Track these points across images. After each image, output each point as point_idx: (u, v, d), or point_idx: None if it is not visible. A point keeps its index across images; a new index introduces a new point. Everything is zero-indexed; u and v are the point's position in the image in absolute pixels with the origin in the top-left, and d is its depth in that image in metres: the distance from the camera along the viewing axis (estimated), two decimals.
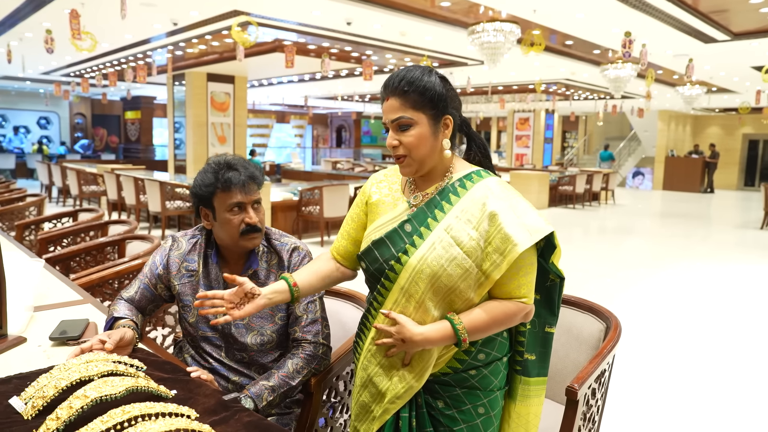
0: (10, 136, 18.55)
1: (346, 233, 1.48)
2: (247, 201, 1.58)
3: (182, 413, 1.12)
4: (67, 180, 10.74)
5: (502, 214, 1.26)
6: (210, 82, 11.82)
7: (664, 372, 3.59)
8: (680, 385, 3.40)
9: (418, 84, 1.27)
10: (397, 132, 1.30)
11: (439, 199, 1.33)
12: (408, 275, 1.28)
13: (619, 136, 23.02)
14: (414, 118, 1.28)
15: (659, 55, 9.07)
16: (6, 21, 8.00)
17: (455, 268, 1.26)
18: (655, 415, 3.01)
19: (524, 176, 12.34)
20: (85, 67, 12.56)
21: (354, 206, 1.49)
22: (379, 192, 1.44)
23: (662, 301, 5.23)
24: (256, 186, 1.62)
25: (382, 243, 1.34)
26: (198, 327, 1.64)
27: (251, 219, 1.58)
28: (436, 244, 1.28)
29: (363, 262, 1.37)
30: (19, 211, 4.79)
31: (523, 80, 13.36)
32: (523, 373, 1.39)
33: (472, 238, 1.26)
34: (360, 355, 1.41)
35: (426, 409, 1.35)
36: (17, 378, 1.30)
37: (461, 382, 1.33)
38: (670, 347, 4.03)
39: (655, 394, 3.27)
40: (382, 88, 1.32)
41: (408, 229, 1.32)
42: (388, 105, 1.30)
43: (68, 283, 2.18)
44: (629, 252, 7.81)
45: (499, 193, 1.30)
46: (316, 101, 20.67)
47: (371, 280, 1.38)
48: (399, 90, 1.28)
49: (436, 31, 7.88)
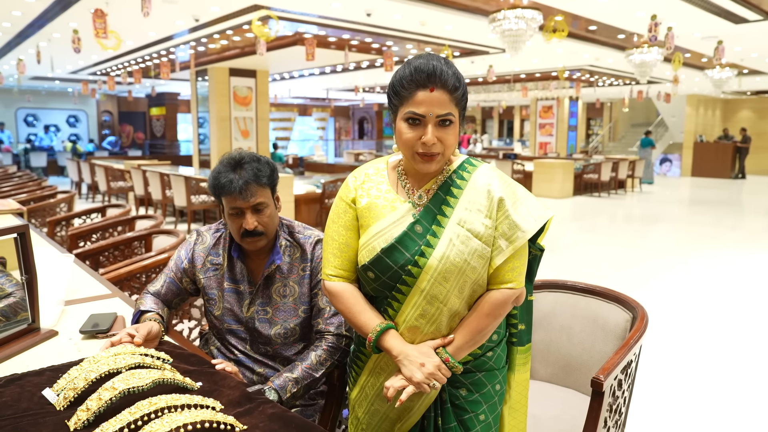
0: (41, 135, 19.01)
1: (344, 246, 1.34)
2: (245, 206, 1.55)
3: (207, 405, 1.14)
4: (95, 177, 10.97)
5: (507, 200, 1.27)
6: (232, 76, 11.90)
7: (693, 363, 3.52)
8: (708, 376, 3.34)
9: (463, 82, 1.24)
10: (437, 128, 1.21)
11: (442, 194, 1.30)
12: (429, 277, 1.24)
13: (646, 122, 22.52)
14: (455, 116, 1.23)
15: (687, 37, 8.82)
16: (35, 23, 8.18)
17: (477, 260, 1.25)
18: (682, 407, 2.96)
19: (548, 165, 12.17)
20: (111, 66, 12.78)
21: (340, 215, 1.35)
22: (366, 195, 1.33)
23: (691, 290, 5.12)
24: (258, 187, 1.56)
25: (394, 249, 1.26)
26: (223, 320, 1.66)
27: (248, 225, 1.55)
28: (454, 239, 1.25)
29: (371, 272, 1.28)
30: (50, 208, 4.92)
31: (546, 67, 13.15)
32: (518, 343, 1.42)
33: (487, 227, 1.26)
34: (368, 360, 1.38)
35: (450, 402, 1.35)
36: (50, 370, 1.34)
37: (481, 366, 1.35)
38: (698, 338, 3.95)
39: (682, 386, 3.22)
40: (423, 76, 1.19)
41: (419, 230, 1.27)
42: (435, 98, 1.19)
43: (97, 277, 2.23)
44: (656, 241, 7.67)
45: (498, 179, 1.30)
46: (337, 94, 20.69)
47: (380, 290, 1.30)
48: (450, 84, 1.20)
49: (456, 20, 7.80)
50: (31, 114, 18.95)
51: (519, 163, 12.82)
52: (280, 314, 1.64)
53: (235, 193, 1.52)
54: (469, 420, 1.35)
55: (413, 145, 1.23)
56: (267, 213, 1.58)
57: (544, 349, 2.11)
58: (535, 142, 19.29)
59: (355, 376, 1.42)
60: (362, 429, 1.41)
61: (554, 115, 18.77)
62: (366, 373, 1.39)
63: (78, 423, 1.09)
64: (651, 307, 4.58)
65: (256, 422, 1.12)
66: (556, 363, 2.08)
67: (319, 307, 1.64)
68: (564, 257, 6.55)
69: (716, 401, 3.02)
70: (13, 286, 1.67)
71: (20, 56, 10.76)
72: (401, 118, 1.24)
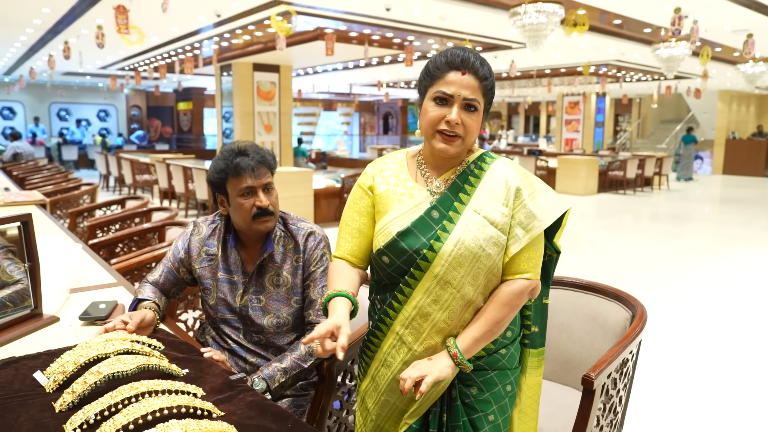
0: (73, 129, 19.52)
1: (356, 231, 1.38)
2: (257, 185, 1.60)
3: (188, 391, 1.17)
4: (122, 170, 11.23)
5: (525, 190, 1.30)
6: (256, 71, 12.01)
7: (715, 367, 3.44)
8: (730, 382, 3.25)
9: (492, 75, 1.29)
10: (462, 110, 1.26)
11: (460, 183, 1.32)
12: (443, 261, 1.25)
13: (676, 119, 21.99)
14: (481, 105, 1.27)
15: (716, 31, 8.57)
16: (64, 19, 8.39)
17: (493, 247, 1.26)
18: (694, 414, 2.90)
19: (572, 161, 12.00)
20: (138, 61, 13.03)
21: (356, 201, 1.40)
22: (384, 182, 1.37)
23: (719, 292, 4.99)
24: (267, 170, 1.63)
25: (409, 233, 1.28)
26: (217, 309, 1.70)
27: (261, 202, 1.59)
28: (470, 225, 1.26)
29: (386, 256, 1.30)
30: (74, 200, 5.07)
31: (571, 62, 12.94)
32: (531, 345, 1.42)
33: (503, 215, 1.28)
34: (377, 350, 1.37)
35: (460, 400, 1.34)
36: (46, 354, 1.39)
37: (493, 364, 1.35)
38: (725, 341, 3.84)
39: (700, 390, 3.15)
40: (458, 60, 1.25)
41: (435, 215, 1.29)
42: (466, 81, 1.25)
43: (105, 266, 2.29)
44: (685, 240, 7.50)
45: (515, 170, 1.33)
46: (361, 89, 20.72)
47: (394, 275, 1.31)
48: (481, 73, 1.25)
49: (476, 15, 7.73)
50: (64, 108, 19.46)
51: (543, 159, 12.67)
52: (272, 303, 1.66)
53: (248, 171, 1.59)
54: (478, 420, 1.35)
55: (437, 123, 1.27)
56: (274, 194, 1.65)
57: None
58: (560, 138, 19.03)
59: (365, 366, 1.42)
60: (371, 420, 1.41)
61: (581, 111, 18.48)
62: (376, 363, 1.38)
63: (63, 405, 1.13)
64: (677, 307, 4.49)
65: (234, 409, 1.14)
66: (556, 360, 2.07)
67: (311, 298, 1.66)
68: (588, 255, 6.46)
69: (731, 410, 2.95)
70: (22, 273, 1.72)
71: (51, 52, 11.05)
72: (429, 97, 1.28)
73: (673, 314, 4.33)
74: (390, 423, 1.39)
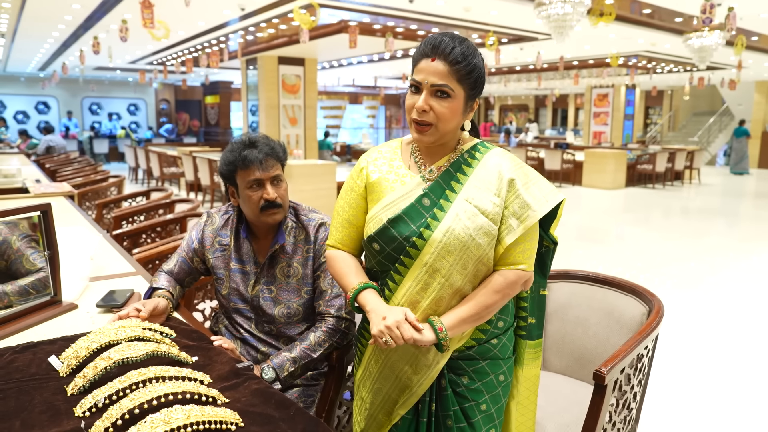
0: (105, 123, 19.98)
1: (346, 222, 1.39)
2: (265, 177, 1.61)
3: (196, 378, 1.18)
4: (150, 162, 11.45)
5: (518, 180, 1.29)
6: (281, 65, 12.08)
7: (739, 367, 3.35)
8: (749, 382, 3.17)
9: (470, 60, 1.24)
10: (432, 97, 1.24)
11: (452, 171, 1.32)
12: (433, 250, 1.25)
13: (710, 111, 21.36)
14: (455, 91, 1.24)
15: (752, 18, 8.28)
16: (93, 15, 8.57)
17: (483, 237, 1.25)
18: (711, 414, 2.83)
19: (599, 154, 11.78)
20: (166, 55, 13.24)
21: (348, 192, 1.40)
22: (378, 170, 1.37)
23: (752, 289, 4.84)
24: (276, 162, 1.64)
25: (399, 220, 1.29)
26: (230, 299, 1.72)
27: (269, 195, 1.61)
28: (461, 214, 1.26)
29: (376, 243, 1.31)
30: (102, 191, 5.19)
31: (599, 54, 12.67)
32: (527, 337, 1.42)
33: (495, 205, 1.27)
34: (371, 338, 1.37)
35: (450, 390, 1.35)
36: (62, 340, 1.43)
37: (484, 354, 1.35)
38: (754, 341, 3.74)
39: (719, 391, 3.07)
40: (429, 47, 1.24)
41: (426, 203, 1.29)
42: (433, 67, 1.23)
43: (126, 256, 2.34)
44: (716, 235, 7.30)
45: (509, 160, 1.32)
46: (387, 82, 20.67)
47: (384, 262, 1.32)
48: (452, 58, 1.22)
49: (501, 5, 7.62)
50: (95, 103, 19.91)
51: (570, 152, 12.47)
52: (283, 294, 1.68)
53: (256, 163, 1.60)
54: (470, 408, 1.35)
55: (410, 110, 1.27)
56: (283, 187, 1.66)
57: (559, 341, 2.07)
58: (588, 131, 18.68)
59: (360, 354, 1.44)
60: (366, 409, 1.42)
61: (609, 104, 18.10)
62: (369, 351, 1.40)
63: (75, 388, 1.16)
64: (706, 304, 4.38)
65: (238, 396, 1.16)
66: (571, 355, 2.04)
67: (321, 289, 1.67)
68: (615, 250, 6.35)
69: (752, 413, 2.87)
70: (44, 261, 1.78)
71: (82, 47, 11.30)
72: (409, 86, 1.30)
73: (701, 311, 4.23)
74: (383, 413, 1.40)
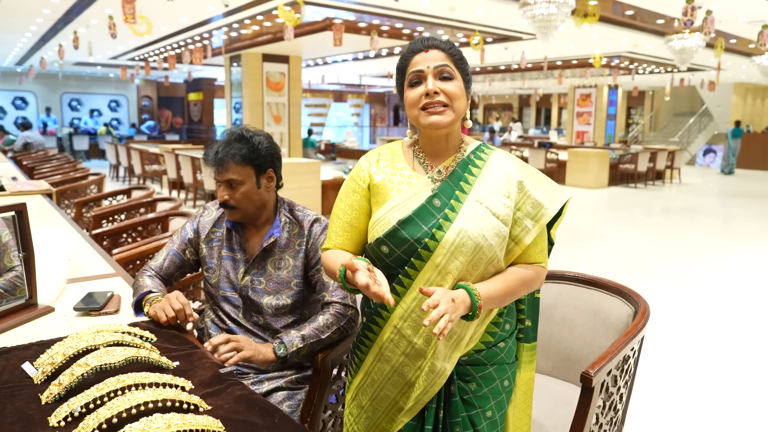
0: (86, 119, 19.64)
1: (347, 225, 1.36)
2: (219, 179, 1.66)
3: (177, 384, 1.15)
4: (131, 160, 11.27)
5: (527, 181, 1.30)
6: (265, 62, 11.97)
7: (723, 363, 3.39)
8: (733, 379, 3.21)
9: (457, 49, 1.30)
10: (438, 80, 1.25)
11: (460, 171, 1.31)
12: (445, 251, 1.23)
13: (689, 112, 21.68)
14: (456, 73, 1.27)
15: (730, 22, 8.41)
16: (73, 9, 8.41)
17: (494, 238, 1.25)
18: (696, 412, 2.86)
19: (582, 154, 11.88)
20: (148, 51, 13.05)
21: (350, 194, 1.37)
22: (381, 172, 1.34)
23: (731, 287, 4.91)
24: (235, 165, 1.63)
25: (410, 221, 1.25)
26: (219, 287, 1.73)
27: (218, 196, 1.67)
28: (472, 214, 1.25)
29: (385, 246, 1.26)
30: (81, 189, 5.08)
31: (582, 54, 12.77)
32: (525, 340, 1.41)
33: (506, 206, 1.27)
34: (373, 345, 1.34)
35: (459, 396, 1.32)
36: (37, 345, 1.38)
37: (492, 358, 1.33)
38: (735, 337, 3.79)
39: (707, 387, 3.10)
40: (418, 43, 1.29)
41: (437, 203, 1.27)
42: (431, 55, 1.26)
43: (105, 256, 2.29)
44: (696, 234, 7.40)
45: (514, 162, 1.34)
46: (372, 80, 20.62)
47: (392, 266, 1.27)
48: (443, 46, 1.27)
49: (486, 5, 7.64)
50: (75, 99, 19.55)
51: (553, 152, 12.56)
52: (273, 285, 1.69)
53: (211, 164, 1.66)
54: (476, 416, 1.32)
55: (418, 101, 1.26)
56: (241, 190, 1.65)
57: (545, 342, 2.06)
58: (572, 130, 18.84)
59: (358, 361, 1.39)
60: (367, 416, 1.37)
61: (592, 104, 18.26)
62: (371, 357, 1.35)
63: (49, 397, 1.12)
64: (687, 302, 4.43)
65: (222, 403, 1.13)
66: (557, 356, 2.04)
67: (323, 281, 1.68)
68: (598, 249, 6.40)
69: (737, 409, 2.90)
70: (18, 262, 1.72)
71: (62, 42, 11.09)
72: (406, 87, 1.29)
73: (682, 309, 4.28)
74: (386, 420, 1.36)
